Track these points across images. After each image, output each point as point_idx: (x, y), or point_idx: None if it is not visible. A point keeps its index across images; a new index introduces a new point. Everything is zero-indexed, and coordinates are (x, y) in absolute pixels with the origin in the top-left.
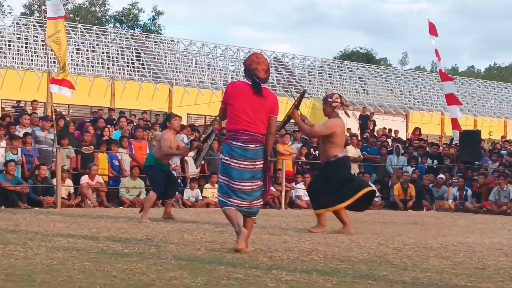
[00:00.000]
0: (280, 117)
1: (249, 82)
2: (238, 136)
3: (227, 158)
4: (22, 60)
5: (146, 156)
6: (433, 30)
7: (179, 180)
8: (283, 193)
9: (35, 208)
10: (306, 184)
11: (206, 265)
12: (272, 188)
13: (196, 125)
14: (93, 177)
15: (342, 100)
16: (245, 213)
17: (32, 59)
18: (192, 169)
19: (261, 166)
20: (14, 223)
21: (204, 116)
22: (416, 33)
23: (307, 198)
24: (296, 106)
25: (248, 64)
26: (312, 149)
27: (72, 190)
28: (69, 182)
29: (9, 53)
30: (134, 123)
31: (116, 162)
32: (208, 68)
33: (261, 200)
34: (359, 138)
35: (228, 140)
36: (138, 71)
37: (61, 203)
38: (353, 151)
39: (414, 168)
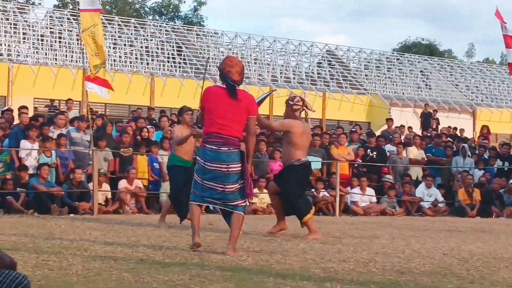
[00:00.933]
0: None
1: (224, 86)
2: (211, 139)
3: (202, 160)
4: (56, 56)
5: (169, 156)
6: (500, 16)
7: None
8: (337, 199)
9: (70, 214)
10: (364, 188)
11: (254, 277)
12: (325, 193)
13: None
14: (132, 181)
15: (305, 103)
16: (225, 209)
17: (66, 55)
18: None
19: (237, 169)
20: (48, 231)
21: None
22: (484, 22)
23: (365, 203)
24: (259, 103)
25: (222, 68)
26: (369, 151)
27: (109, 196)
28: (106, 186)
29: (42, 48)
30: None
31: (156, 165)
32: (255, 63)
33: (240, 201)
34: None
35: (203, 143)
36: (179, 66)
37: (97, 209)
38: (415, 153)
39: (482, 170)
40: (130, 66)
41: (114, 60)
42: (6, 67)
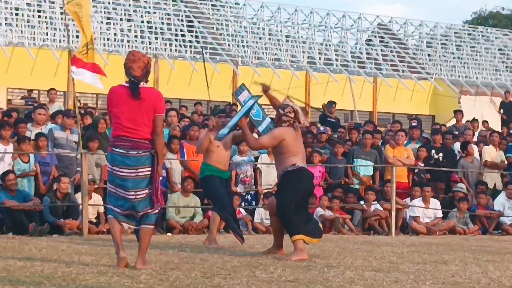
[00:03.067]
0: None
1: (127, 84)
2: (118, 143)
3: (110, 166)
4: (34, 34)
5: (200, 167)
6: None
7: (249, 197)
8: (393, 213)
9: (54, 235)
10: (427, 199)
11: None
12: (377, 206)
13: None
14: None
15: (297, 116)
16: (135, 223)
17: (47, 33)
18: (267, 180)
19: (147, 173)
20: (26, 256)
21: None
22: None
23: (428, 219)
24: (246, 113)
25: (125, 64)
26: (433, 151)
27: (102, 210)
28: (98, 199)
29: (17, 25)
30: (185, 119)
31: (162, 172)
32: (287, 41)
33: (150, 209)
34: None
35: (111, 147)
36: (190, 46)
37: (88, 228)
38: (493, 154)
39: None
40: (128, 46)
41: (108, 39)
42: None
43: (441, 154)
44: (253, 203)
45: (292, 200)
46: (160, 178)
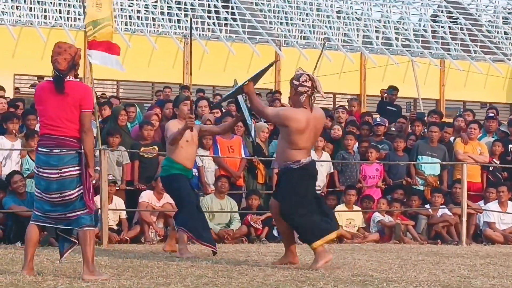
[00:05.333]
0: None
1: (52, 79)
2: (43, 142)
3: (36, 167)
4: (45, 12)
5: (163, 163)
6: None
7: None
8: (464, 219)
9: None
10: (504, 202)
11: None
12: (446, 210)
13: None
14: (160, 195)
15: (315, 84)
16: (65, 228)
17: (60, 11)
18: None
19: (74, 173)
20: (36, 269)
21: (332, 94)
22: None
23: (506, 225)
24: (254, 78)
25: (51, 57)
26: (511, 146)
27: (124, 215)
28: (120, 203)
29: (25, 1)
30: (215, 110)
31: (194, 171)
32: (338, 17)
33: (83, 210)
34: None
35: (37, 147)
36: (226, 25)
37: (108, 237)
38: None
39: None
40: (154, 25)
41: (130, 17)
42: None
43: None
44: None
45: (299, 205)
46: (93, 181)
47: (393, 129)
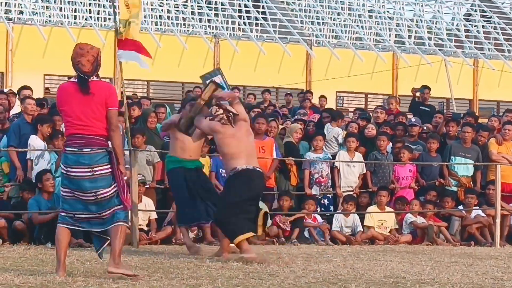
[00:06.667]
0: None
1: (75, 80)
2: (71, 141)
3: (64, 167)
4: (75, 12)
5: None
6: None
7: (325, 201)
8: (498, 220)
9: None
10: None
11: None
12: (479, 212)
13: (349, 109)
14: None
15: (224, 107)
16: (99, 227)
17: (90, 10)
18: (347, 180)
19: (105, 172)
20: (67, 270)
21: (364, 94)
22: None
23: None
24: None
25: (73, 58)
26: None
27: (154, 216)
28: (149, 203)
29: (55, 1)
30: (254, 109)
31: (223, 172)
32: (370, 17)
33: (119, 206)
34: None
35: (64, 148)
36: (256, 24)
37: (138, 238)
38: None
39: None
40: (184, 25)
41: (160, 17)
42: (4, 30)
43: None
44: (331, 208)
45: (231, 207)
46: (125, 177)
47: (425, 128)
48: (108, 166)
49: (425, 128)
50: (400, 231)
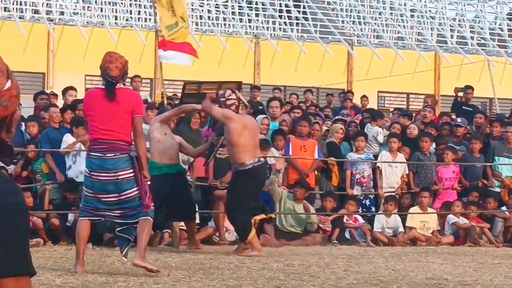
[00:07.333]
0: None
1: (103, 87)
2: (95, 146)
3: (88, 171)
4: (116, 13)
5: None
6: None
7: (367, 201)
8: None
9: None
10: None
11: None
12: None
13: (392, 109)
14: None
15: (237, 95)
16: (122, 223)
17: (130, 11)
18: (389, 181)
19: (129, 176)
20: (107, 270)
21: (405, 94)
22: None
23: None
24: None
25: (101, 66)
26: None
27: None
28: None
29: (96, 2)
30: (296, 110)
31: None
32: (412, 16)
33: (140, 208)
34: None
35: (88, 152)
36: (297, 24)
37: (179, 237)
38: None
39: None
40: (224, 25)
41: (201, 17)
42: (45, 31)
43: None
44: (372, 209)
45: (240, 204)
46: (148, 182)
47: (468, 127)
48: (131, 170)
49: (469, 128)
50: (442, 232)
